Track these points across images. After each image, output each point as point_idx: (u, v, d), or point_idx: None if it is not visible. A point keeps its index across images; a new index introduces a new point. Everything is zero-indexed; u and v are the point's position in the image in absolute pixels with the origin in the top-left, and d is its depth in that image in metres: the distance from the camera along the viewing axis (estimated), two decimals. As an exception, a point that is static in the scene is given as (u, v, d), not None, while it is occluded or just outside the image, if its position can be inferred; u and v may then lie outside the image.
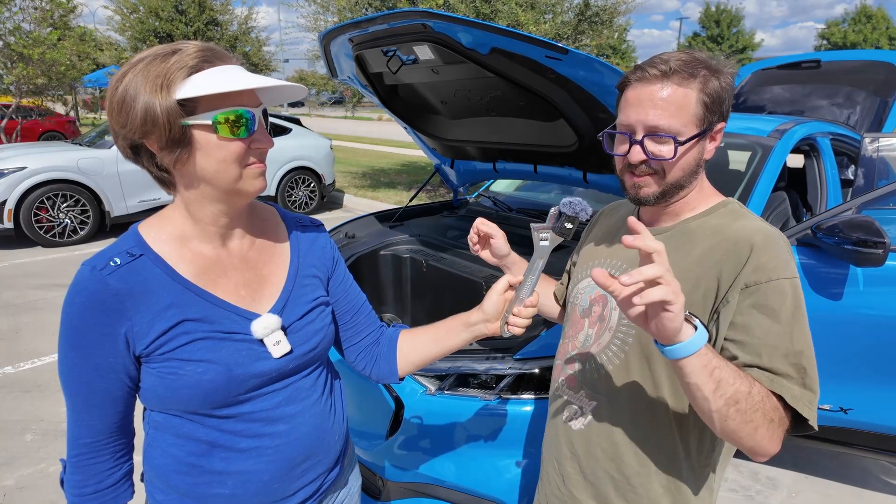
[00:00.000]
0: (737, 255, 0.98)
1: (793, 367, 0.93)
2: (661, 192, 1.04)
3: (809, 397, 0.93)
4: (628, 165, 1.05)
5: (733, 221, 1.05)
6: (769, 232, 1.00)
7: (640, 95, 1.01)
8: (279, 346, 0.95)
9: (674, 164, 1.01)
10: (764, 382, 0.92)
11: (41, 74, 9.40)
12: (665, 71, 0.98)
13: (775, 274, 0.95)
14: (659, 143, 1.00)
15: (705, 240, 1.05)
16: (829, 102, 4.17)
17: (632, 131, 1.02)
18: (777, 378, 0.92)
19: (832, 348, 2.23)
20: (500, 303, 1.10)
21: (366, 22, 1.89)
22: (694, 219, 1.09)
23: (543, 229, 1.06)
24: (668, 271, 0.77)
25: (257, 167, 0.91)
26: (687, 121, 0.99)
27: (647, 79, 1.00)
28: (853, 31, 36.72)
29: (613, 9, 8.65)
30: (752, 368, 0.94)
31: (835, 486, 2.65)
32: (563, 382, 1.23)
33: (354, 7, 8.00)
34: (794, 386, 0.92)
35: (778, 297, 0.94)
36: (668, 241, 1.09)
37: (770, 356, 0.93)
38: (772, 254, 0.96)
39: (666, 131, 0.98)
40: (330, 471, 1.08)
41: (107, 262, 0.85)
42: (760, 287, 0.95)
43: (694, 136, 0.99)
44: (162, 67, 0.81)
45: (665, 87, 0.98)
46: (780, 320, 0.94)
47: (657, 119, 0.98)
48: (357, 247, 2.87)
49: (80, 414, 0.90)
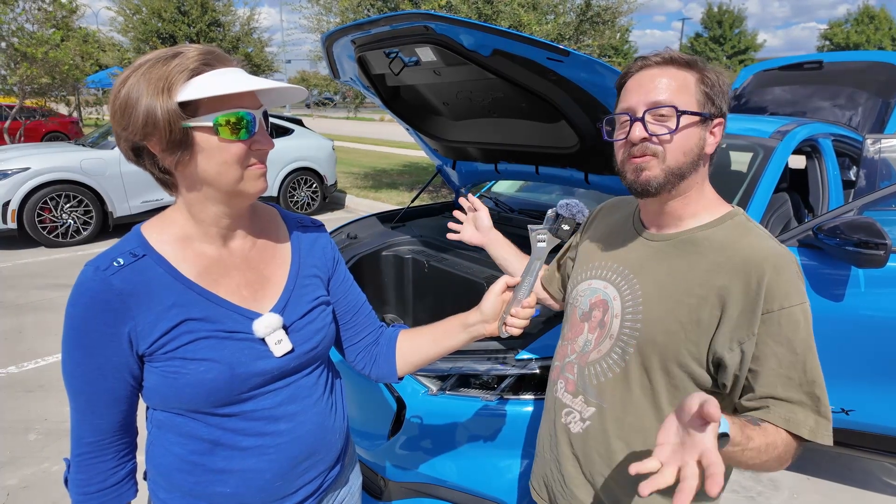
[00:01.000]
0: (746, 278, 0.98)
1: (807, 396, 0.95)
2: (663, 179, 1.03)
3: (825, 425, 0.95)
4: (629, 150, 1.05)
5: (742, 237, 1.04)
6: (780, 255, 0.99)
7: (641, 80, 1.04)
8: (281, 345, 0.95)
9: (672, 141, 1.01)
10: (780, 423, 0.93)
11: (45, 74, 9.43)
12: (666, 58, 1.03)
13: (787, 301, 0.95)
14: (659, 121, 1.01)
15: (712, 254, 1.04)
16: (831, 104, 4.17)
17: (633, 112, 1.03)
18: (793, 408, 0.94)
19: (833, 350, 2.23)
20: (497, 304, 1.10)
21: (368, 24, 1.89)
22: (700, 229, 1.08)
23: (540, 231, 1.07)
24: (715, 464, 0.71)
25: (258, 168, 0.91)
26: (688, 99, 1.01)
27: (648, 65, 1.04)
28: (856, 32, 36.65)
29: (615, 9, 8.66)
30: (768, 399, 0.95)
31: (836, 488, 2.65)
32: (561, 386, 1.23)
33: (357, 8, 8.01)
34: (810, 415, 0.94)
35: (791, 326, 0.95)
36: (672, 250, 1.09)
37: (785, 387, 0.95)
38: (784, 279, 0.96)
39: (667, 103, 1.00)
40: (331, 469, 1.09)
41: (110, 263, 0.86)
42: (773, 316, 0.95)
43: (695, 113, 1.01)
44: (163, 70, 0.81)
45: (666, 71, 1.02)
46: (794, 350, 0.95)
47: (658, 94, 1.00)
48: (359, 247, 2.87)
49: (83, 413, 0.91)
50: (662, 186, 1.04)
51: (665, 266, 1.08)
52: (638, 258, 1.14)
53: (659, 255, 1.10)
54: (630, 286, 1.12)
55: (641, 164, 1.03)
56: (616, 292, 1.14)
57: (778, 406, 0.94)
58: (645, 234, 1.15)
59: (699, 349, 1.01)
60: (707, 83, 1.02)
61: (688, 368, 1.03)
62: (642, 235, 1.16)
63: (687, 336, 1.02)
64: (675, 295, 1.04)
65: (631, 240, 1.18)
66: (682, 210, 1.09)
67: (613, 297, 1.14)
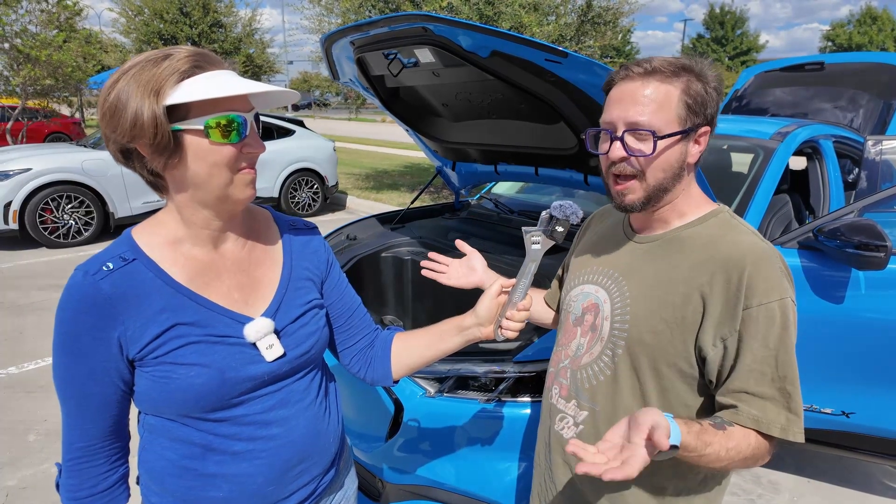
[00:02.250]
0: (727, 275, 0.98)
1: (778, 392, 0.96)
2: (645, 198, 1.03)
3: (795, 422, 0.96)
4: (611, 169, 1.04)
5: (725, 234, 1.04)
6: (760, 251, 0.99)
7: (622, 92, 1.02)
8: (272, 350, 0.95)
9: (652, 162, 1.00)
10: (749, 424, 0.95)
11: (48, 76, 9.45)
12: (648, 69, 1.00)
13: (766, 297, 0.96)
14: (639, 141, 1.00)
15: (696, 252, 1.04)
16: (833, 105, 4.16)
17: (613, 128, 1.02)
18: (764, 405, 0.95)
19: (833, 352, 2.22)
20: (492, 307, 1.10)
21: (367, 25, 1.89)
22: (685, 227, 1.08)
23: (535, 233, 1.06)
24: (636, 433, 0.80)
25: (248, 174, 0.91)
26: (668, 118, 0.99)
27: (630, 76, 1.01)
28: (858, 33, 36.60)
29: (616, 10, 8.66)
30: (741, 394, 0.96)
31: (837, 490, 2.64)
32: (555, 391, 1.23)
33: (358, 9, 8.01)
34: (781, 411, 0.96)
35: (767, 321, 0.95)
36: (658, 249, 1.09)
37: (758, 382, 0.96)
38: (764, 275, 0.97)
39: (646, 127, 0.98)
40: (325, 473, 1.08)
41: (99, 267, 0.86)
42: (752, 312, 0.96)
43: (674, 134, 0.99)
44: (153, 73, 0.81)
45: (647, 85, 0.99)
46: (767, 345, 0.95)
47: (637, 115, 0.99)
48: (358, 249, 2.87)
49: (74, 418, 0.90)
50: (646, 204, 1.04)
51: (651, 266, 1.09)
52: (627, 261, 1.14)
53: (647, 256, 1.11)
54: (619, 288, 1.12)
55: (624, 190, 1.04)
56: (606, 295, 1.14)
57: (749, 402, 0.96)
58: (635, 237, 1.16)
59: (686, 347, 1.02)
60: (691, 93, 0.99)
61: (677, 367, 1.03)
62: (632, 239, 1.16)
63: (673, 334, 1.02)
64: (660, 294, 1.04)
65: (621, 244, 1.18)
66: (668, 213, 1.10)
67: (604, 301, 1.14)
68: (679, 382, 1.04)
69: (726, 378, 0.98)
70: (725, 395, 0.99)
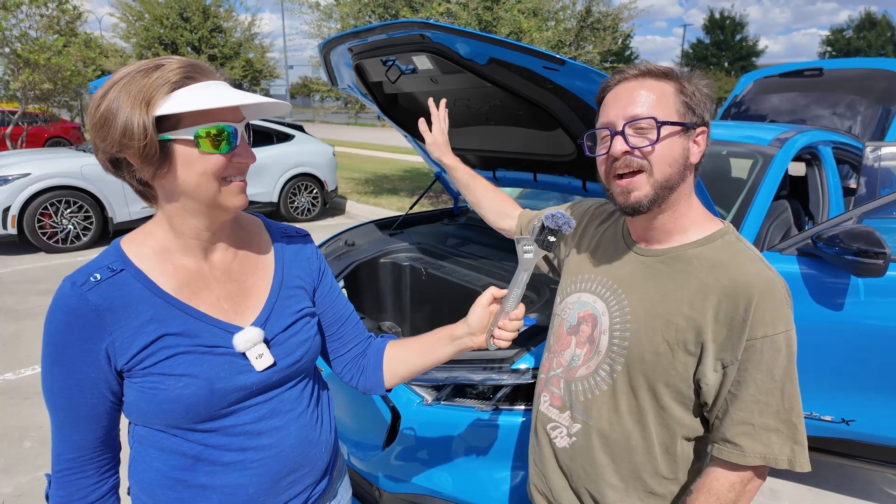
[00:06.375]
0: (734, 303, 0.97)
1: (783, 424, 0.96)
2: (653, 195, 1.01)
3: (801, 452, 0.96)
4: (613, 166, 1.03)
5: (732, 258, 1.02)
6: (768, 280, 0.98)
7: (619, 94, 1.03)
8: (262, 360, 0.94)
9: (657, 153, 1.00)
10: (758, 461, 0.96)
11: (47, 80, 9.45)
12: (643, 70, 1.03)
13: (772, 329, 0.95)
14: (640, 135, 1.00)
15: (702, 274, 1.02)
16: (831, 111, 4.16)
17: (612, 126, 1.02)
18: (769, 437, 0.96)
19: (833, 359, 2.21)
20: (484, 316, 1.09)
21: (364, 32, 1.89)
22: (690, 246, 1.07)
23: (527, 242, 1.06)
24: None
25: (237, 185, 0.91)
26: (667, 110, 1.00)
27: (626, 78, 1.03)
28: (857, 38, 36.72)
29: (616, 15, 8.68)
30: (745, 426, 0.97)
31: (837, 498, 2.63)
32: (545, 399, 1.22)
33: (358, 15, 8.03)
34: (787, 442, 0.96)
35: (773, 353, 0.95)
36: (661, 266, 1.07)
37: (762, 413, 0.96)
38: (771, 306, 0.96)
39: (646, 116, 0.99)
40: (318, 483, 1.07)
41: (87, 278, 0.85)
42: (756, 343, 0.96)
43: (675, 123, 1.00)
44: (143, 83, 0.81)
45: (643, 84, 1.01)
46: (773, 377, 0.95)
47: (636, 108, 1.00)
48: (357, 254, 2.86)
49: (63, 430, 0.89)
50: (653, 202, 1.02)
51: (654, 283, 1.07)
52: (627, 274, 1.12)
53: (649, 271, 1.09)
54: (618, 301, 1.11)
55: (629, 186, 1.02)
56: (605, 307, 1.13)
57: (754, 436, 0.96)
58: (635, 248, 1.14)
59: (686, 370, 1.01)
60: (686, 93, 1.02)
61: (675, 388, 1.03)
62: (632, 250, 1.14)
63: (675, 356, 1.01)
64: (663, 314, 1.03)
65: (622, 254, 1.16)
66: (671, 224, 1.08)
67: (602, 313, 1.13)
68: (676, 403, 1.04)
69: (728, 407, 0.98)
70: (728, 428, 0.98)
